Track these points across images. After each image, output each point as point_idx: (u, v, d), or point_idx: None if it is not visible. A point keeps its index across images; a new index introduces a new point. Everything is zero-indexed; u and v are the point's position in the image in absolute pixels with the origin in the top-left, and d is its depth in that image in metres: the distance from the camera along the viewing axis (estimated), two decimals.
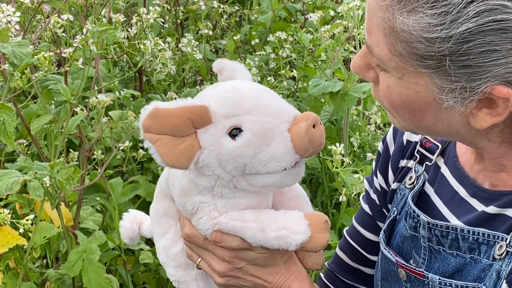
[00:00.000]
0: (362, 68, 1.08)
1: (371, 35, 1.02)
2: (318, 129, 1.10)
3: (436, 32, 0.94)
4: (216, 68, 1.22)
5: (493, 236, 1.08)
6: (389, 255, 1.22)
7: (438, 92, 0.99)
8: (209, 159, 1.11)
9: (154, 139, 1.08)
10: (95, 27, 2.04)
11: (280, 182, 1.13)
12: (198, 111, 1.09)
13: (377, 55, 1.02)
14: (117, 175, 2.55)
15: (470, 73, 0.96)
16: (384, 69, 1.03)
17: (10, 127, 1.88)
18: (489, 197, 1.12)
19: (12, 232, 1.89)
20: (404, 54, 0.98)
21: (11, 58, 1.87)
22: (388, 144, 1.31)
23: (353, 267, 1.39)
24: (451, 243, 1.13)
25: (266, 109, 1.11)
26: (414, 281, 1.17)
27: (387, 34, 0.99)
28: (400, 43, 0.98)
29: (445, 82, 0.98)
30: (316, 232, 1.14)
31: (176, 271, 1.28)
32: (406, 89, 1.02)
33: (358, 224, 1.38)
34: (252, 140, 1.09)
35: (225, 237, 1.16)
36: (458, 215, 1.15)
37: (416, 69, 0.99)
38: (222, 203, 1.15)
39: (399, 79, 1.02)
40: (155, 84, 2.79)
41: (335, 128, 2.80)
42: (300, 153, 1.11)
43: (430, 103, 1.01)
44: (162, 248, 1.28)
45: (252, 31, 3.20)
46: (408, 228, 1.21)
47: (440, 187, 1.20)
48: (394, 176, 1.29)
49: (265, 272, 1.20)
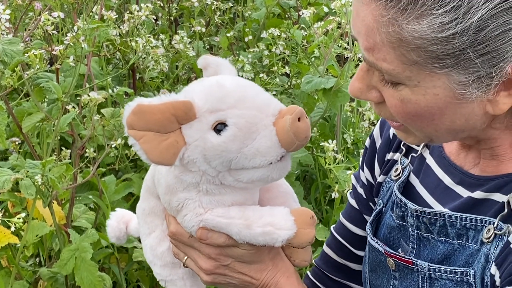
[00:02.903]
0: (363, 91, 1.06)
1: (374, 53, 1.00)
2: (303, 122, 1.09)
3: (451, 29, 0.93)
4: (201, 64, 1.21)
5: (481, 221, 1.09)
6: (377, 246, 1.22)
7: (458, 88, 0.99)
8: (194, 155, 1.10)
9: (139, 136, 1.07)
10: (87, 24, 2.03)
11: (267, 176, 1.12)
12: (182, 106, 1.08)
13: (386, 69, 1.00)
14: (110, 173, 2.55)
15: (489, 59, 0.95)
16: (394, 83, 1.02)
17: (1, 125, 1.88)
18: (475, 182, 1.12)
19: (4, 231, 1.89)
20: (419, 61, 0.97)
21: (1, 56, 1.86)
22: (375, 139, 1.31)
23: (340, 263, 1.39)
24: (439, 229, 1.14)
25: (251, 103, 1.10)
26: (403, 269, 1.17)
27: (396, 47, 0.97)
28: (412, 52, 0.97)
29: (464, 75, 0.97)
30: (302, 228, 1.14)
31: (163, 270, 1.27)
32: (424, 95, 1.01)
33: (345, 219, 1.38)
34: (237, 134, 1.09)
35: (211, 234, 1.15)
36: (443, 203, 1.15)
37: (434, 72, 0.98)
38: (207, 199, 1.15)
39: (415, 87, 1.00)
40: (148, 82, 2.79)
41: (328, 125, 2.79)
42: (286, 147, 1.10)
43: (449, 101, 1.00)
44: (149, 247, 1.27)
45: (246, 27, 3.19)
46: (395, 218, 1.21)
47: (425, 177, 1.20)
48: (380, 169, 1.30)
49: (252, 269, 1.20)
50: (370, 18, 0.98)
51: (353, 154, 2.79)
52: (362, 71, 1.06)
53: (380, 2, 0.96)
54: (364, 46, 1.01)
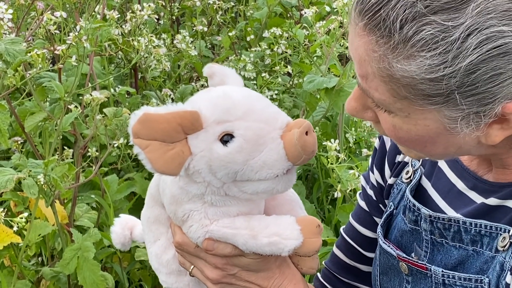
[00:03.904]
0: (359, 110, 1.07)
1: (367, 81, 1.00)
2: (310, 136, 1.09)
3: (440, 71, 0.93)
4: (207, 73, 1.20)
5: (496, 228, 1.08)
6: (389, 249, 1.21)
7: (448, 122, 0.99)
8: (199, 166, 1.09)
9: (144, 145, 1.06)
10: (89, 24, 2.03)
11: (272, 188, 1.11)
12: (189, 116, 1.07)
13: (378, 99, 1.01)
14: (112, 172, 2.55)
15: (480, 99, 0.95)
16: (386, 110, 1.02)
17: (4, 124, 1.88)
18: (489, 189, 1.12)
19: (7, 230, 1.89)
20: (409, 97, 0.97)
21: (4, 55, 1.86)
22: (385, 140, 1.31)
23: (350, 265, 1.39)
24: (454, 235, 1.13)
25: (259, 116, 1.09)
26: (416, 274, 1.17)
27: (387, 81, 0.97)
28: (403, 87, 0.97)
29: (455, 112, 0.97)
30: (309, 237, 1.13)
31: (169, 278, 1.26)
32: (415, 125, 1.01)
33: (354, 221, 1.38)
34: (244, 146, 1.08)
35: (217, 244, 1.15)
36: (456, 208, 1.15)
37: (424, 107, 0.98)
38: (213, 211, 1.14)
39: (406, 117, 1.01)
40: (150, 81, 2.79)
41: (330, 124, 2.79)
42: (293, 160, 1.09)
43: (440, 132, 1.01)
44: (154, 255, 1.26)
45: (248, 27, 3.19)
46: (408, 222, 1.20)
47: (437, 181, 1.20)
48: (390, 171, 1.29)
49: (259, 277, 1.19)
50: (363, 50, 0.97)
51: (355, 154, 2.79)
52: (358, 92, 1.06)
53: (372, 37, 0.95)
54: (357, 73, 1.01)
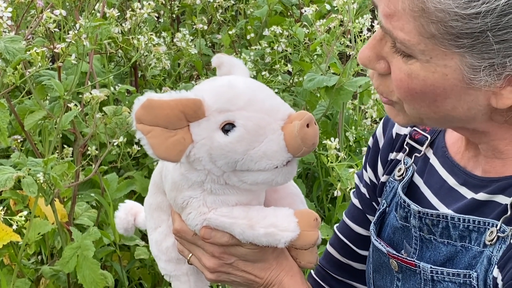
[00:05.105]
0: (372, 59, 1.05)
1: (393, 20, 0.98)
2: (311, 129, 1.09)
3: (476, 8, 0.92)
4: (215, 63, 1.20)
5: (484, 223, 1.08)
6: (380, 246, 1.21)
7: (468, 72, 0.97)
8: (200, 153, 1.10)
9: (146, 130, 1.07)
10: (89, 22, 2.03)
11: (271, 180, 1.12)
12: (192, 104, 1.08)
13: (401, 39, 0.98)
14: (112, 170, 2.55)
15: (507, 47, 0.94)
16: (406, 54, 1.00)
17: (3, 123, 1.88)
18: (479, 184, 1.11)
19: (6, 229, 1.89)
20: (437, 35, 0.95)
21: (3, 54, 1.86)
22: (378, 138, 1.31)
23: (344, 262, 1.39)
24: (442, 231, 1.13)
25: (260, 106, 1.10)
26: (406, 271, 1.17)
27: (417, 17, 0.95)
28: (432, 24, 0.95)
29: (478, 60, 0.96)
30: (306, 230, 1.13)
31: (167, 265, 1.27)
32: (433, 72, 0.99)
33: (348, 219, 1.38)
34: (245, 136, 1.08)
35: (214, 233, 1.15)
36: (448, 204, 1.14)
37: (449, 50, 0.96)
38: (212, 199, 1.15)
39: (426, 62, 0.99)
40: (150, 79, 2.79)
41: (330, 123, 2.79)
42: (293, 152, 1.10)
43: (456, 85, 0.99)
44: (154, 241, 1.27)
45: (248, 25, 3.19)
46: (399, 219, 1.20)
47: (429, 178, 1.19)
48: (383, 169, 1.29)
49: (255, 268, 1.19)
50: None
51: (355, 152, 2.79)
52: (374, 40, 1.04)
53: None
54: (383, 12, 0.99)
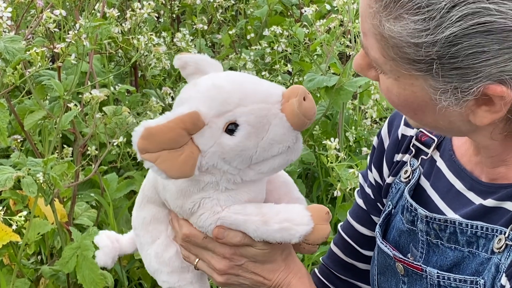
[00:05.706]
0: (364, 68, 1.09)
1: (366, 38, 1.03)
2: (308, 101, 1.11)
3: (422, 38, 0.95)
4: (178, 65, 1.18)
5: (492, 229, 1.08)
6: (386, 249, 1.21)
7: (433, 93, 1.00)
8: (213, 161, 1.11)
9: (154, 158, 1.07)
10: (89, 22, 2.03)
11: (286, 160, 1.13)
12: (190, 118, 1.08)
13: (372, 57, 1.03)
14: (111, 170, 2.55)
15: (461, 74, 0.96)
16: (381, 71, 1.04)
17: (3, 123, 1.88)
18: (487, 190, 1.11)
19: (6, 229, 1.88)
20: (397, 58, 0.99)
21: (3, 53, 1.86)
22: (383, 139, 1.31)
23: (347, 262, 1.39)
24: (449, 236, 1.13)
25: (254, 97, 1.10)
26: (412, 275, 1.17)
27: (378, 40, 1.00)
28: (391, 48, 0.98)
29: (438, 83, 0.98)
30: (319, 223, 1.14)
31: (171, 277, 1.24)
32: (404, 90, 1.02)
33: (352, 219, 1.38)
34: (251, 131, 1.09)
35: (227, 232, 1.15)
36: (455, 208, 1.14)
37: (410, 72, 0.99)
38: (225, 197, 1.14)
39: (396, 80, 1.02)
40: (150, 79, 2.79)
41: (330, 123, 2.79)
42: (298, 129, 1.12)
43: (428, 102, 1.01)
44: (153, 255, 1.24)
45: (248, 25, 3.19)
46: (405, 222, 1.20)
47: (436, 181, 1.19)
48: (389, 171, 1.29)
49: (264, 269, 1.20)
50: (364, 5, 1.00)
51: (355, 152, 2.79)
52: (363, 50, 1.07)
53: None
54: (361, 29, 1.04)
